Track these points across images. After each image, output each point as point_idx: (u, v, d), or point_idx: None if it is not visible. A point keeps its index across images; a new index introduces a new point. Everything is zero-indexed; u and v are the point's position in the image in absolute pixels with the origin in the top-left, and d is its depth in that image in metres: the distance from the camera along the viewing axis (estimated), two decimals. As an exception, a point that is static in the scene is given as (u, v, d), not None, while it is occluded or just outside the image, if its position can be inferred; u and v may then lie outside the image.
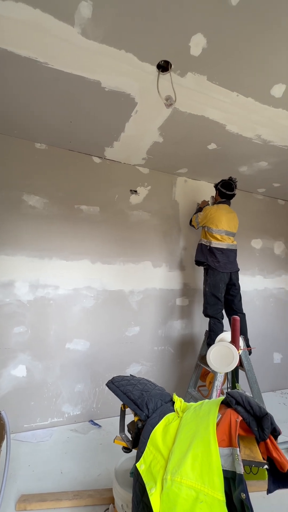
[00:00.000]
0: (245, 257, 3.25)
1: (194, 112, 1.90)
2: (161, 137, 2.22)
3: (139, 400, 1.02)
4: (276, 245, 3.55)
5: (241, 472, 0.72)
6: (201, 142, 2.28)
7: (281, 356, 3.39)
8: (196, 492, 0.72)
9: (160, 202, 2.90)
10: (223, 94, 1.72)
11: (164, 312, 2.81)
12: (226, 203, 2.61)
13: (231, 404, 0.86)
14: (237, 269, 2.56)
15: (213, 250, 2.46)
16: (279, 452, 0.81)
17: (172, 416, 0.95)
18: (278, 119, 1.94)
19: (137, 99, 1.79)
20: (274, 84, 1.63)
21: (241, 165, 2.68)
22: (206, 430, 0.80)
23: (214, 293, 2.42)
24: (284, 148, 2.32)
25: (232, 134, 2.14)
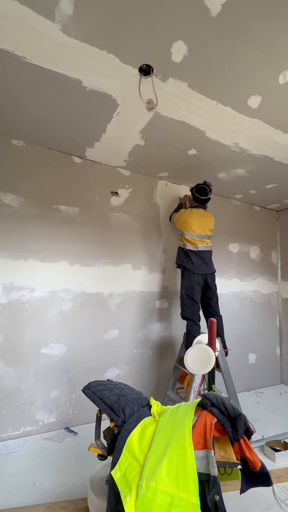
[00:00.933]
0: (222, 260, 3.35)
1: (175, 117, 1.93)
2: (143, 140, 2.23)
3: (115, 405, 0.99)
4: (252, 249, 3.69)
5: (215, 474, 0.72)
6: (182, 147, 2.32)
7: (255, 356, 3.51)
8: (171, 497, 0.71)
9: (141, 204, 2.90)
10: (203, 102, 1.77)
11: (144, 314, 2.80)
12: (201, 207, 2.69)
13: (207, 406, 0.87)
14: (213, 271, 2.62)
15: (188, 252, 2.55)
16: (252, 451, 0.83)
17: (148, 420, 0.94)
18: (254, 129, 2.03)
19: (119, 100, 1.79)
20: (250, 95, 1.71)
21: (220, 171, 2.76)
22: (182, 434, 0.80)
23: (190, 295, 2.46)
24: (259, 157, 2.43)
25: (211, 141, 2.20)
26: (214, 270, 2.63)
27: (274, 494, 1.68)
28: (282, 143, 2.20)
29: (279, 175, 2.78)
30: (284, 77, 1.55)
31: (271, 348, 3.69)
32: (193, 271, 2.50)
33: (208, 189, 2.66)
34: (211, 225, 2.70)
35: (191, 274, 2.50)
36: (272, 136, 2.10)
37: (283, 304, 3.80)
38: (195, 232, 2.57)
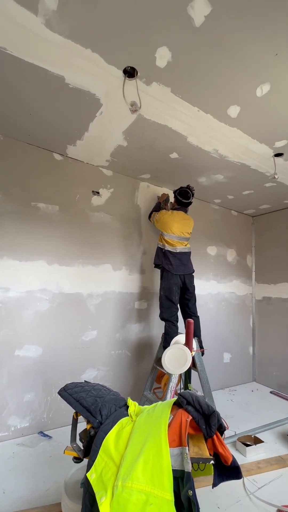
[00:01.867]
0: (201, 262, 3.44)
1: (158, 121, 1.95)
2: (126, 141, 2.24)
3: (92, 407, 0.99)
4: (229, 252, 3.83)
5: (189, 470, 0.75)
6: (164, 151, 2.36)
7: (230, 355, 3.65)
8: (146, 495, 0.72)
9: (123, 205, 2.90)
10: (185, 108, 1.81)
11: (123, 315, 2.80)
12: (182, 209, 2.75)
13: (182, 404, 0.89)
14: (191, 271, 2.68)
15: (167, 253, 2.60)
16: (224, 447, 0.86)
17: (125, 421, 0.95)
18: (233, 137, 2.11)
19: (103, 100, 1.78)
20: (230, 105, 1.78)
21: (200, 176, 2.84)
22: (158, 433, 0.82)
23: (169, 297, 2.50)
24: (237, 164, 2.53)
25: (192, 146, 2.26)
26: (192, 270, 2.70)
27: (244, 487, 1.76)
28: (258, 152, 2.31)
29: (255, 182, 2.92)
30: (261, 91, 1.63)
31: (245, 348, 3.85)
32: (172, 271, 2.55)
33: (190, 193, 2.73)
34: (190, 228, 2.77)
35: (170, 275, 2.55)
36: (249, 145, 2.21)
37: (256, 305, 3.99)
38: (175, 233, 2.62)
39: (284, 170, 2.61)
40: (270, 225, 3.93)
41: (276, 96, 1.66)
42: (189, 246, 2.74)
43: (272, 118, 1.87)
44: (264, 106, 1.76)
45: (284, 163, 2.48)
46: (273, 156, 2.37)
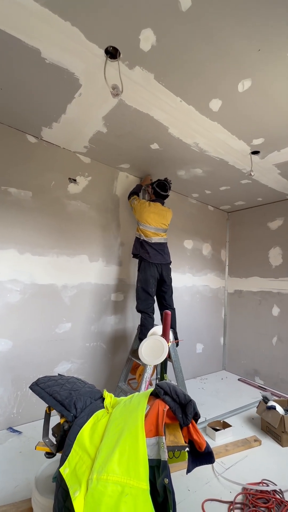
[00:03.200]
0: (177, 256, 3.49)
1: (140, 108, 1.90)
2: (105, 127, 2.15)
3: (66, 401, 0.95)
4: (204, 246, 3.93)
5: (166, 459, 0.75)
6: (145, 140, 2.31)
7: (202, 346, 3.78)
8: (122, 486, 0.72)
9: (101, 194, 2.82)
10: (168, 97, 1.77)
11: (99, 307, 2.76)
12: (159, 201, 2.76)
13: (160, 394, 0.90)
14: (168, 261, 2.71)
15: (143, 243, 2.63)
16: (198, 434, 0.88)
17: (101, 413, 0.93)
18: (213, 131, 2.12)
19: (82, 81, 1.68)
20: (212, 98, 1.78)
21: (180, 169, 2.84)
22: (135, 424, 0.81)
23: (145, 289, 2.51)
24: (216, 159, 2.57)
25: (173, 138, 2.24)
26: (169, 261, 2.73)
27: (213, 469, 1.85)
28: (236, 148, 2.36)
29: (232, 178, 2.99)
30: (242, 86, 1.64)
31: (216, 338, 4.01)
32: (149, 260, 2.57)
33: (168, 186, 2.74)
34: (168, 220, 2.78)
35: (147, 265, 2.57)
36: (229, 140, 2.24)
37: (228, 298, 4.16)
38: (151, 225, 2.63)
39: (260, 168, 2.70)
40: (243, 221, 4.08)
41: (256, 93, 1.69)
42: (166, 236, 2.76)
43: (251, 115, 1.91)
44: (244, 102, 1.78)
45: (260, 161, 2.56)
46: (250, 153, 2.43)
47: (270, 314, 3.56)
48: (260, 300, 3.70)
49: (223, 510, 1.53)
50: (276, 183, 3.04)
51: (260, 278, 3.74)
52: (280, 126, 2.01)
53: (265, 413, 2.35)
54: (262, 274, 3.72)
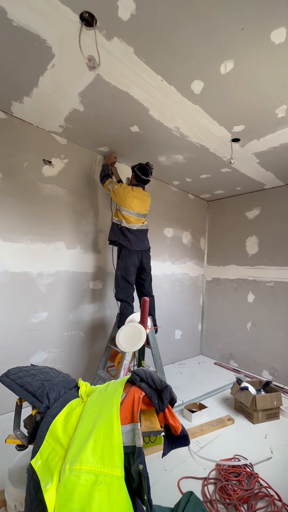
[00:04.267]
0: (158, 244, 3.47)
1: (119, 86, 1.79)
2: (82, 105, 2.02)
3: (38, 391, 0.91)
4: (184, 235, 3.95)
5: (140, 445, 0.75)
6: (124, 122, 2.21)
7: (181, 332, 3.87)
8: (96, 475, 0.70)
9: (78, 179, 2.69)
10: (148, 75, 1.68)
11: (76, 296, 2.69)
12: (140, 186, 2.66)
13: (136, 381, 0.88)
14: (148, 247, 2.66)
15: (124, 229, 2.51)
16: (174, 418, 0.89)
17: (75, 402, 0.90)
18: (195, 116, 2.07)
19: (55, 49, 1.54)
20: (194, 79, 1.71)
21: (161, 154, 2.77)
22: (110, 411, 0.79)
23: (125, 277, 2.47)
24: (197, 146, 2.53)
25: (154, 120, 2.16)
26: (149, 246, 2.68)
27: (189, 449, 1.92)
28: (217, 135, 2.33)
29: (212, 166, 2.98)
30: (225, 67, 1.60)
31: (194, 324, 4.12)
32: (130, 248, 2.49)
33: (150, 171, 2.65)
34: (148, 205, 2.72)
35: (128, 253, 2.50)
36: (210, 126, 2.20)
37: (206, 285, 4.26)
38: (134, 210, 2.54)
39: (239, 157, 2.71)
40: (222, 211, 4.13)
41: (239, 76, 1.65)
42: (147, 223, 2.70)
43: (232, 100, 1.88)
44: (226, 85, 1.74)
45: (240, 149, 2.56)
46: (231, 140, 2.42)
47: (245, 300, 3.69)
48: (237, 288, 3.82)
49: (198, 486, 1.60)
50: (254, 172, 3.08)
51: (237, 266, 3.85)
52: (260, 114, 2.01)
53: (238, 394, 2.47)
54: (239, 262, 3.83)
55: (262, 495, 1.54)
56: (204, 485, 1.60)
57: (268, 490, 1.57)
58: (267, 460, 1.84)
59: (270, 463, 1.81)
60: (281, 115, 2.01)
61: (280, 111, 1.96)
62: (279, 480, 1.65)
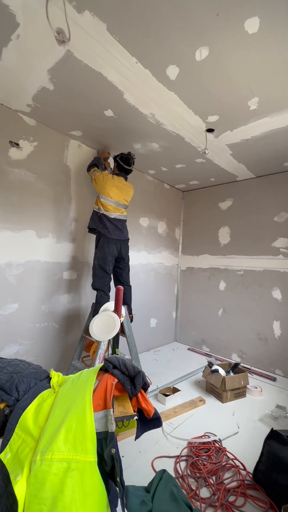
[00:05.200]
0: (133, 233, 3.46)
1: (91, 65, 1.70)
2: (52, 83, 1.89)
3: (7, 384, 0.88)
4: (160, 225, 3.97)
5: (113, 430, 0.75)
6: (98, 105, 2.12)
7: (156, 321, 3.95)
8: (68, 462, 0.70)
9: (49, 163, 2.55)
10: (123, 55, 1.62)
11: (50, 286, 2.60)
12: (122, 175, 2.65)
13: (109, 369, 0.88)
14: (127, 238, 2.67)
15: (102, 217, 2.51)
16: (147, 402, 0.91)
17: (47, 393, 0.88)
18: (170, 102, 2.04)
19: (20, 18, 1.40)
20: (169, 64, 1.68)
21: (136, 142, 2.72)
22: (82, 399, 0.79)
23: (102, 266, 2.45)
24: (172, 134, 2.51)
25: (129, 105, 2.09)
26: (128, 237, 2.69)
27: (163, 430, 2.00)
28: (192, 124, 2.33)
29: (187, 156, 3.00)
30: (200, 54, 1.58)
31: (169, 313, 4.22)
32: (108, 236, 2.48)
33: (132, 161, 2.65)
34: (130, 196, 2.72)
35: (105, 242, 2.48)
36: (185, 115, 2.19)
37: (181, 274, 4.36)
38: (112, 198, 2.52)
39: (214, 148, 2.74)
40: (197, 201, 4.20)
41: (213, 64, 1.65)
42: (126, 214, 2.69)
43: (207, 89, 1.87)
44: (201, 73, 1.72)
45: (214, 140, 2.59)
46: (205, 130, 2.43)
47: (217, 288, 3.85)
48: (209, 276, 3.96)
49: (171, 464, 1.68)
50: (227, 164, 3.15)
51: (210, 255, 3.97)
52: (233, 105, 2.03)
53: (209, 376, 2.60)
54: (212, 251, 3.96)
55: (229, 467, 1.66)
56: (176, 462, 1.68)
57: (234, 461, 1.70)
58: (234, 435, 1.98)
59: (237, 437, 1.95)
60: (253, 108, 2.05)
61: (252, 103, 2.00)
62: (245, 452, 1.79)
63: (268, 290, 3.33)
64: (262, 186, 3.46)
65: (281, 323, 3.19)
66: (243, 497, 1.46)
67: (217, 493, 1.47)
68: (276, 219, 3.31)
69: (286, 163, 3.04)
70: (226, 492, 1.47)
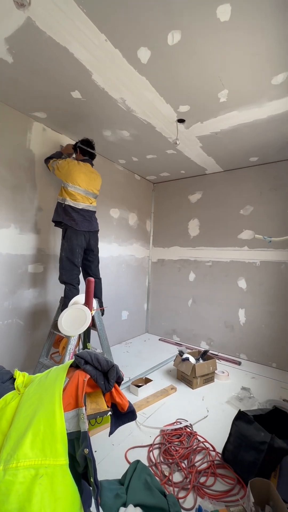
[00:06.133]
0: (104, 225, 3.35)
1: (56, 39, 1.55)
2: (11, 55, 1.70)
3: None
4: (131, 216, 3.91)
5: (85, 430, 0.71)
6: (64, 85, 1.96)
7: (127, 313, 3.93)
8: (36, 469, 0.64)
9: (9, 147, 2.32)
10: (91, 31, 1.50)
11: (13, 280, 2.42)
12: (88, 161, 2.50)
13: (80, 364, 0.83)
14: (96, 229, 2.55)
15: (68, 208, 2.34)
16: (121, 396, 0.88)
17: (10, 395, 0.80)
18: (141, 88, 1.97)
19: None
20: (141, 46, 1.60)
21: (106, 128, 2.60)
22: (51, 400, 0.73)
23: (70, 259, 2.33)
24: (143, 122, 2.45)
25: (98, 88, 1.98)
26: (97, 228, 2.57)
27: (135, 420, 2.00)
28: (164, 113, 2.29)
29: (158, 146, 2.96)
30: (172, 38, 1.53)
31: (140, 304, 4.23)
32: (75, 227, 2.33)
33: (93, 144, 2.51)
34: (99, 185, 2.58)
35: (73, 233, 2.34)
36: (157, 102, 2.14)
37: (152, 266, 4.38)
38: (81, 186, 2.36)
39: (184, 139, 2.74)
40: (167, 193, 4.22)
41: (185, 50, 1.61)
42: (95, 205, 2.56)
43: (179, 77, 1.84)
44: (173, 59, 1.68)
45: (185, 131, 2.59)
46: (177, 121, 2.41)
47: (187, 279, 3.94)
48: (180, 268, 4.04)
49: (144, 453, 1.69)
50: (197, 156, 3.19)
51: (180, 247, 4.04)
52: (204, 96, 2.03)
53: (180, 365, 2.67)
54: (182, 243, 4.02)
55: (200, 449, 1.72)
56: (149, 451, 1.70)
57: (205, 444, 1.77)
58: (204, 419, 2.06)
59: (207, 421, 2.04)
60: (223, 100, 2.08)
61: (222, 95, 2.02)
62: (214, 434, 1.87)
63: (234, 280, 3.49)
64: (229, 180, 3.58)
65: (245, 311, 3.38)
66: (213, 476, 1.53)
67: (189, 476, 1.51)
68: (242, 212, 3.46)
69: (251, 158, 3.17)
70: (197, 474, 1.53)
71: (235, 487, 1.46)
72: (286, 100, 2.03)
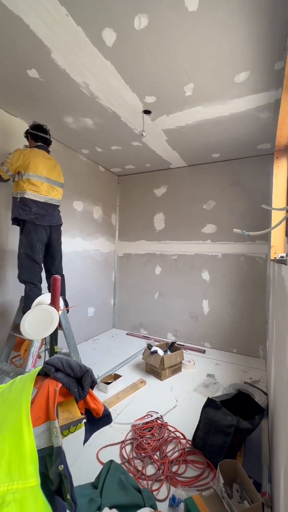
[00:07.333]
0: (67, 218, 3.18)
1: (7, 4, 1.36)
2: None
3: None
4: (95, 209, 3.77)
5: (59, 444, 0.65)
6: (19, 61, 1.76)
7: (94, 309, 3.83)
8: (2, 496, 0.56)
9: None
10: (50, 2, 1.35)
11: None
12: (43, 148, 2.27)
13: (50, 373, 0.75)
14: (59, 223, 2.36)
15: (25, 201, 2.08)
16: (96, 401, 0.83)
17: None
18: (106, 73, 1.86)
19: None
20: (106, 26, 1.50)
21: (67, 114, 2.43)
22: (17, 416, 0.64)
23: (30, 255, 2.13)
24: (108, 111, 2.34)
25: (58, 68, 1.81)
26: (61, 222, 2.38)
27: (106, 419, 1.96)
28: (129, 103, 2.21)
29: (124, 137, 2.87)
30: (139, 22, 1.46)
31: (107, 300, 4.15)
32: (35, 221, 2.11)
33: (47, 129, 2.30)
34: (60, 172, 2.36)
35: (32, 228, 2.12)
36: (122, 90, 2.05)
37: (118, 261, 4.31)
38: (42, 174, 2.14)
39: (150, 131, 2.70)
40: (133, 186, 4.16)
41: (152, 36, 1.55)
42: (60, 198, 2.35)
43: (146, 65, 1.78)
44: (140, 45, 1.61)
45: (151, 123, 2.55)
46: (142, 112, 2.35)
47: (153, 273, 3.98)
48: (146, 262, 4.05)
49: (116, 451, 1.67)
50: (163, 150, 3.18)
51: (146, 241, 4.04)
52: (170, 88, 2.01)
53: (149, 358, 2.69)
54: (148, 237, 4.02)
55: (171, 439, 1.76)
56: (121, 448, 1.68)
57: (176, 433, 1.82)
58: (174, 408, 2.11)
59: (176, 410, 2.09)
60: (188, 94, 2.08)
61: (188, 89, 2.02)
62: (184, 422, 1.93)
63: (198, 273, 3.62)
64: (193, 175, 3.66)
65: (209, 302, 3.54)
66: (184, 464, 1.58)
67: (161, 467, 1.53)
68: (205, 207, 3.58)
69: (214, 155, 3.27)
70: (170, 464, 1.56)
71: (205, 471, 1.53)
72: (247, 99, 2.11)
